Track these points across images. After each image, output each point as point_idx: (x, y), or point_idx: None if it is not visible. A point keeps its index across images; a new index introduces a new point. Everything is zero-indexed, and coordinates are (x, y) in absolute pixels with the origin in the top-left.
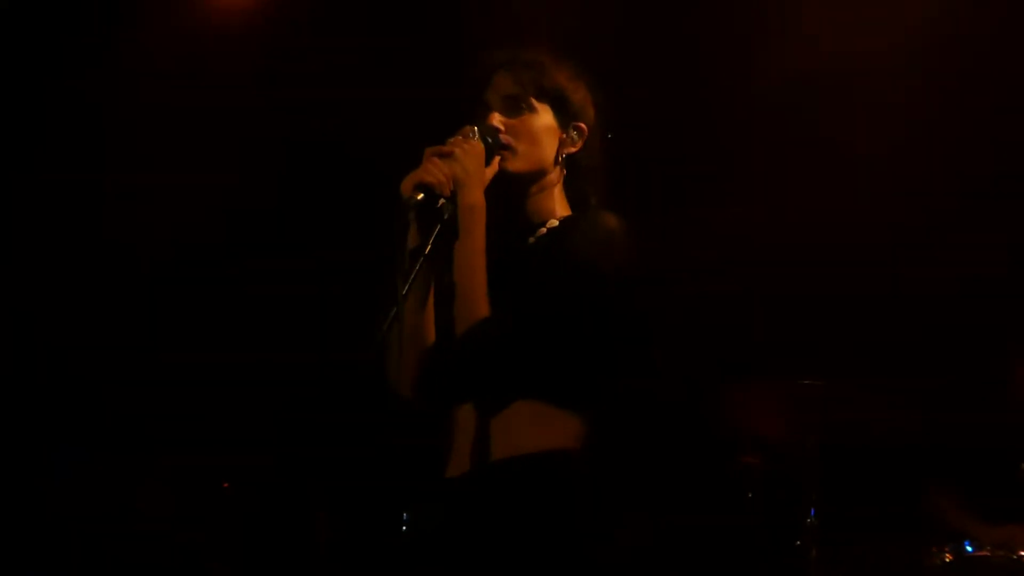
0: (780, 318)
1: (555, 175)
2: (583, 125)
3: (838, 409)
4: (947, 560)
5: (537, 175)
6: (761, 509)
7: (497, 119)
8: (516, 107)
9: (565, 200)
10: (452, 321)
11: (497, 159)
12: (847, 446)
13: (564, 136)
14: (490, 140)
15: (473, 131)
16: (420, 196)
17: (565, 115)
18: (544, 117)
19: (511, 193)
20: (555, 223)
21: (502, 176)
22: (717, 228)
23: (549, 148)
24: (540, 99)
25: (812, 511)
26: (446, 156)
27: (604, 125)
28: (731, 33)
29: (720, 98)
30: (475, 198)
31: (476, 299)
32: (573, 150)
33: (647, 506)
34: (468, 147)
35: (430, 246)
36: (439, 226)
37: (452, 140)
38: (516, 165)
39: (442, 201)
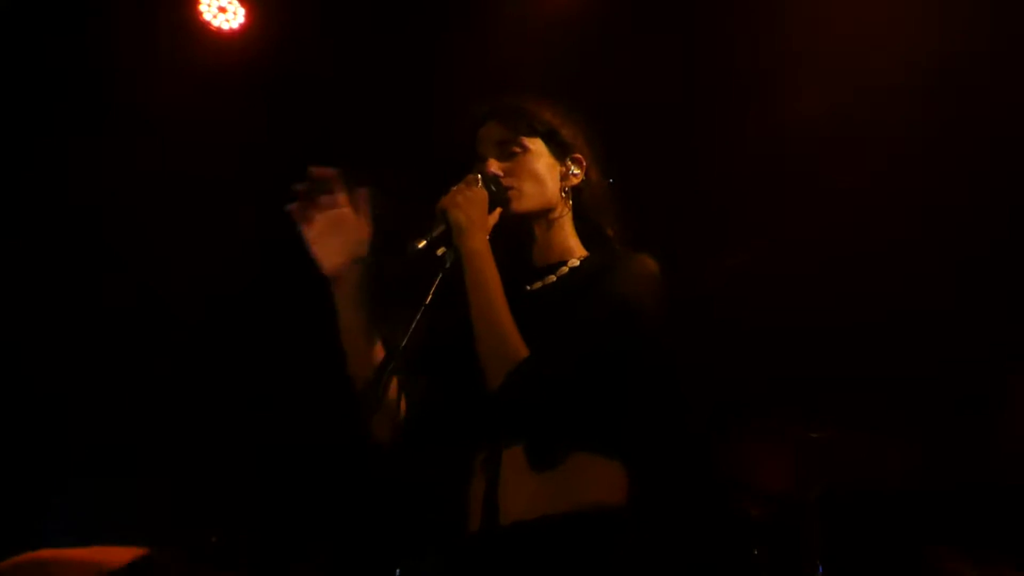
0: (779, 365)
1: (561, 209)
2: (579, 156)
3: (842, 460)
4: None
5: (544, 211)
6: (767, 564)
7: (495, 165)
8: (509, 151)
9: (576, 236)
10: (470, 368)
11: (499, 209)
12: (851, 498)
13: (563, 169)
14: (494, 188)
15: (476, 179)
16: (421, 244)
17: (559, 147)
18: (539, 152)
19: (521, 235)
20: (576, 262)
21: (510, 218)
22: (713, 273)
23: (551, 182)
24: (531, 135)
25: (820, 568)
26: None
27: (601, 157)
28: (727, 82)
29: (716, 146)
30: (478, 243)
31: (509, 339)
32: (575, 181)
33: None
34: (471, 194)
35: (431, 295)
36: (440, 275)
37: (455, 188)
38: (523, 204)
39: (443, 249)
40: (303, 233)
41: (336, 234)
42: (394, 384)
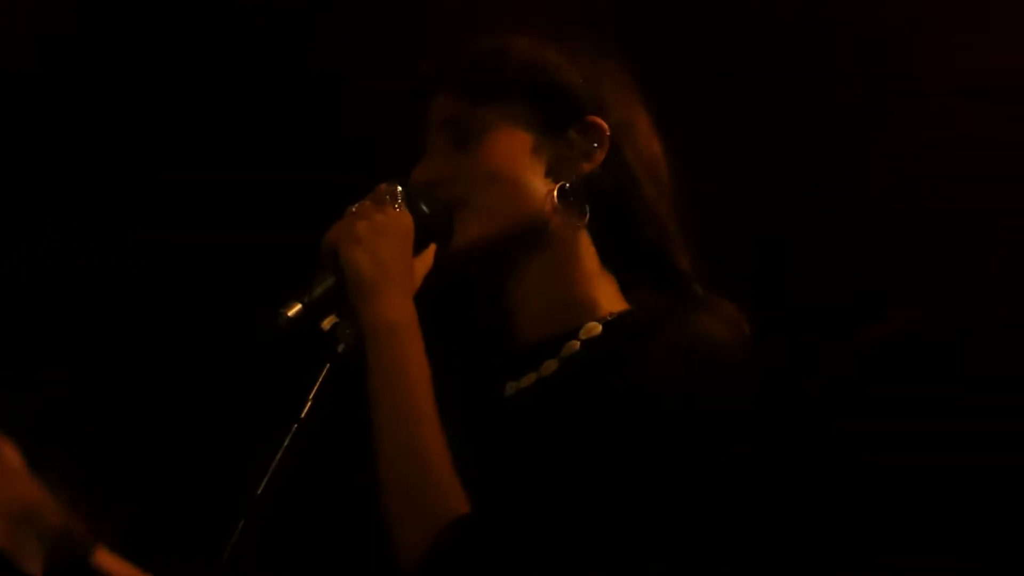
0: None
1: (561, 226)
2: (597, 120)
3: None
4: None
5: (519, 235)
6: None
7: (427, 168)
8: (462, 132)
9: (605, 276)
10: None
11: (434, 245)
12: None
13: (558, 145)
14: (425, 208)
15: (395, 192)
16: (293, 311)
17: (555, 107)
18: (507, 128)
19: (485, 286)
20: (597, 327)
21: (455, 261)
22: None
23: (536, 177)
24: (498, 99)
25: None
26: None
27: (650, 132)
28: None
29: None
30: (393, 309)
31: (434, 481)
32: (588, 167)
33: None
34: (383, 220)
35: (308, 405)
36: (327, 367)
37: (355, 208)
38: (473, 232)
39: (331, 319)
40: None
41: None
42: None
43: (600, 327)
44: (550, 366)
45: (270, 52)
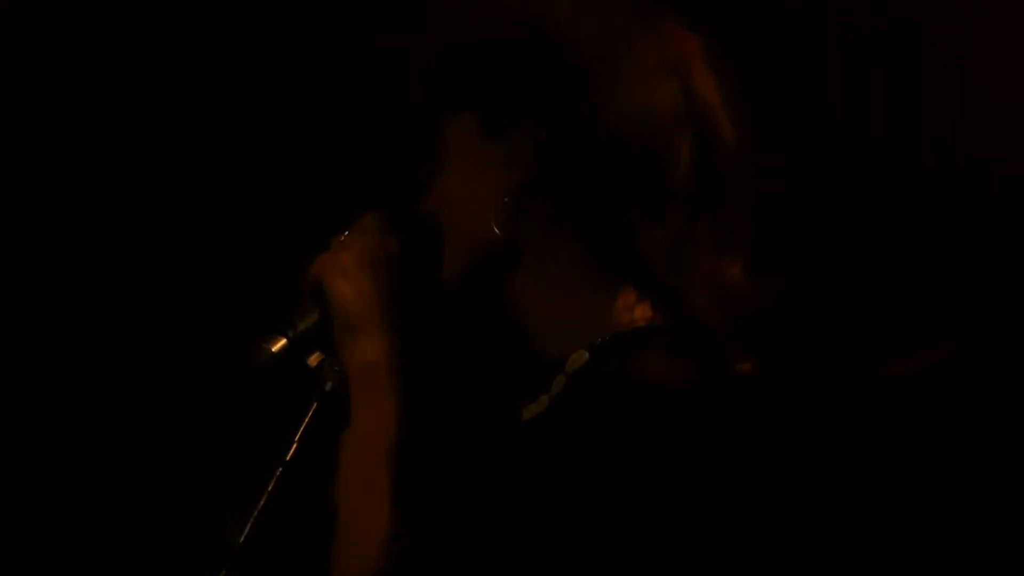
0: None
1: (528, 242)
2: (528, 115)
3: None
4: None
5: (490, 261)
6: None
7: (435, 194)
8: (443, 153)
9: (609, 288)
10: None
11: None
12: None
13: (500, 150)
14: (414, 238)
15: (384, 221)
16: (277, 347)
17: (491, 101)
18: (462, 131)
19: (487, 308)
20: (582, 356)
21: (445, 289)
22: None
23: (482, 190)
24: (457, 106)
25: None
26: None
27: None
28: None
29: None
30: (376, 349)
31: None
32: (524, 173)
33: None
34: (372, 252)
35: (293, 450)
36: (314, 406)
37: (341, 239)
38: (447, 259)
39: (318, 356)
40: None
41: None
42: None
43: (586, 355)
44: (543, 402)
45: (270, 51)
